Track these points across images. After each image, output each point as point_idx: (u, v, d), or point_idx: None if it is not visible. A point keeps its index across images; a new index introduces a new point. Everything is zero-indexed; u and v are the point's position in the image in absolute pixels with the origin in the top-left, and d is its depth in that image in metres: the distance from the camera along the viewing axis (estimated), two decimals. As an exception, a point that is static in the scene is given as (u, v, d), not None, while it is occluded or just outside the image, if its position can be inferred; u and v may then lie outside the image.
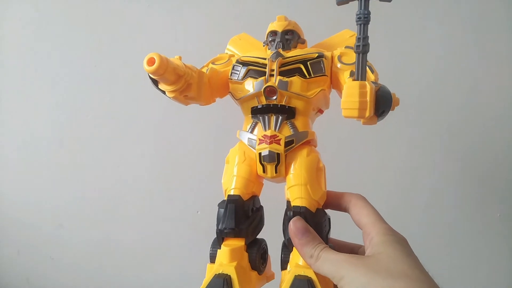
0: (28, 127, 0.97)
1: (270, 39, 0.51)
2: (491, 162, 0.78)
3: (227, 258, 0.42)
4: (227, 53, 0.54)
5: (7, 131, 0.99)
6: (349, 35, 0.53)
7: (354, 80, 0.38)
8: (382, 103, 0.38)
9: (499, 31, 0.76)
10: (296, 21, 0.53)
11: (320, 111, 0.50)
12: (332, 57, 0.48)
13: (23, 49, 0.95)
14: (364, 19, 0.36)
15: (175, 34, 0.86)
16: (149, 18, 0.87)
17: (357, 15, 0.36)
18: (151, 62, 0.39)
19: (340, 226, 0.48)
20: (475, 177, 0.79)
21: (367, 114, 0.37)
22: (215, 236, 0.45)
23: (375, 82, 0.42)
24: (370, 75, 0.44)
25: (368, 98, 0.36)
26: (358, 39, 0.37)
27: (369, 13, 0.36)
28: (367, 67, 0.45)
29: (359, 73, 0.37)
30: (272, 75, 0.46)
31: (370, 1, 0.36)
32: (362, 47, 0.37)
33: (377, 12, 0.37)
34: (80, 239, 0.97)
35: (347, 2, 0.37)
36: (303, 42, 0.51)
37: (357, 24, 0.37)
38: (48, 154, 0.96)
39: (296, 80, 0.45)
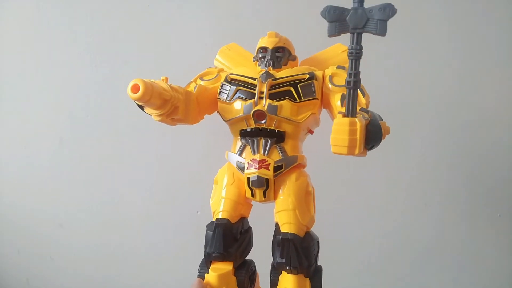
0: (28, 127, 0.95)
1: (260, 56, 0.49)
2: (491, 162, 0.77)
3: (215, 284, 0.43)
4: (216, 67, 0.52)
5: (7, 131, 0.97)
6: (341, 49, 0.51)
7: (344, 116, 0.37)
8: (373, 138, 0.37)
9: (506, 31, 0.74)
10: (288, 33, 0.51)
11: (310, 131, 0.49)
12: (324, 77, 0.47)
13: (23, 49, 0.93)
14: (356, 55, 0.35)
15: (174, 34, 0.84)
16: (149, 17, 0.85)
17: (349, 50, 0.35)
18: (135, 89, 0.38)
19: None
20: (475, 177, 0.78)
21: (357, 151, 0.36)
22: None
23: (366, 110, 0.41)
24: (362, 99, 0.44)
25: (358, 136, 0.36)
26: (349, 74, 0.35)
27: (361, 48, 0.35)
28: (359, 90, 0.44)
29: (349, 109, 0.36)
30: (261, 98, 0.44)
31: (363, 35, 0.35)
32: (353, 83, 0.36)
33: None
34: (80, 240, 0.97)
35: (339, 34, 0.36)
36: (294, 59, 0.50)
37: (348, 59, 0.35)
38: (48, 154, 0.95)
39: (286, 104, 0.44)
